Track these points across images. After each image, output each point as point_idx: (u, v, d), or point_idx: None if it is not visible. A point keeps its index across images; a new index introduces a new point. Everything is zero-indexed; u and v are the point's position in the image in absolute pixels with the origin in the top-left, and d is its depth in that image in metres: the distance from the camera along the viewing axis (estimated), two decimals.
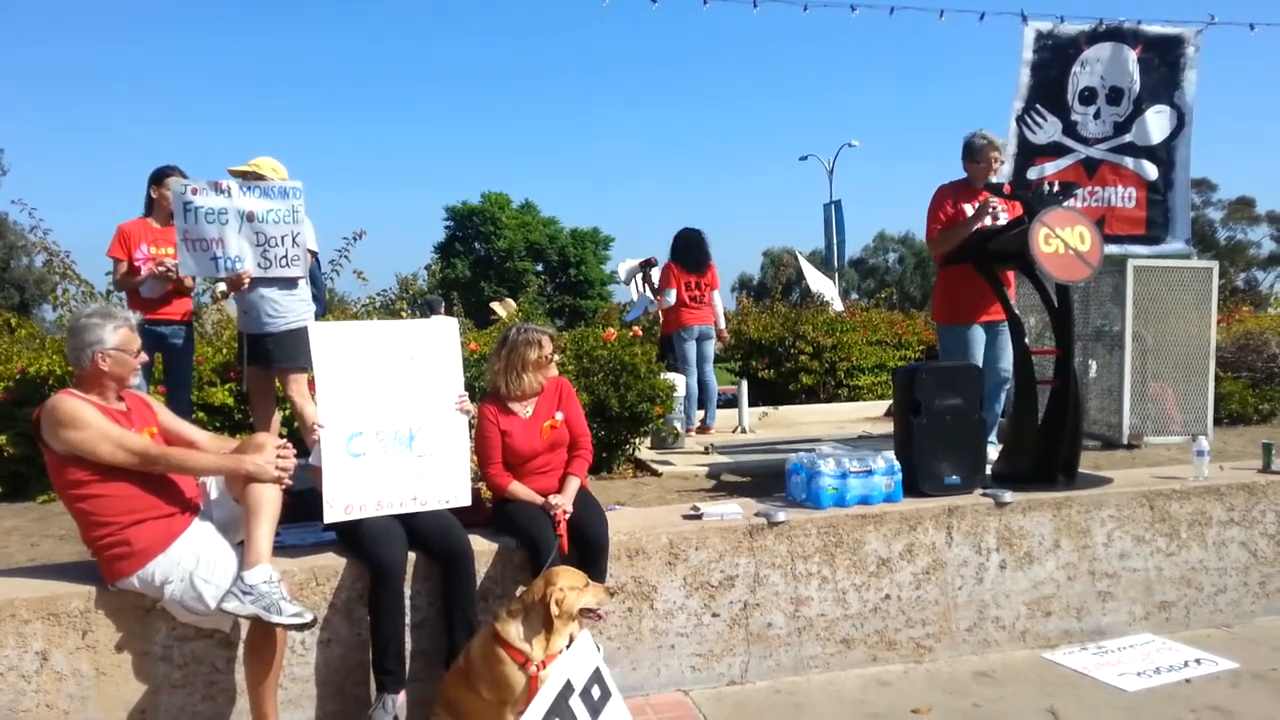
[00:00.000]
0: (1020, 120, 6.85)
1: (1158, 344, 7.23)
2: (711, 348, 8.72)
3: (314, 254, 5.92)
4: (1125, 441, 7.05)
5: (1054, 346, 5.51)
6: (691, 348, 8.50)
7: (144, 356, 3.73)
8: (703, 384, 8.56)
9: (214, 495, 3.82)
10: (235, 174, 5.59)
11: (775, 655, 4.53)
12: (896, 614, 4.71)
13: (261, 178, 5.61)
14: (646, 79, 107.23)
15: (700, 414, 8.56)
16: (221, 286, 6.39)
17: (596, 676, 3.49)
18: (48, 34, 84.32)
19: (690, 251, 8.67)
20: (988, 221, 5.81)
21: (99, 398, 3.56)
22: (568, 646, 3.51)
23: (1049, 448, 5.23)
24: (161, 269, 5.82)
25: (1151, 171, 7.07)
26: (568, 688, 3.34)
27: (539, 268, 49.71)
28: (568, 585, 3.53)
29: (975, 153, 6.05)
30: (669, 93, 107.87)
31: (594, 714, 3.40)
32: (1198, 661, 4.69)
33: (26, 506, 5.85)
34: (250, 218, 5.54)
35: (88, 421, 3.44)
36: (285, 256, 5.65)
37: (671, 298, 8.56)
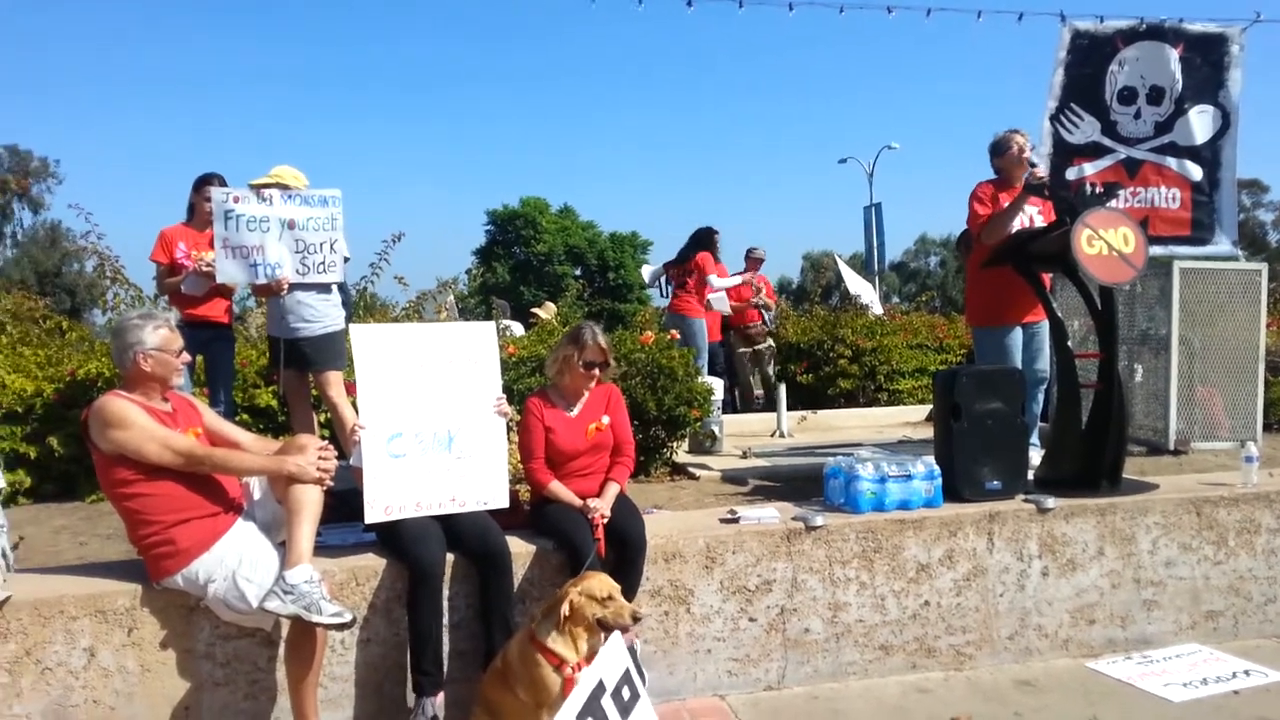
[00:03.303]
0: (1054, 120, 6.75)
1: (1205, 347, 7.10)
2: None
3: (346, 259, 6.00)
4: (1171, 447, 6.93)
5: (1097, 350, 5.43)
6: None
7: (186, 356, 3.79)
8: None
9: (257, 495, 3.88)
10: (257, 186, 5.67)
11: (813, 661, 4.51)
12: (936, 620, 4.66)
13: (285, 187, 5.70)
14: (683, 82, 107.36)
15: None
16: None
17: (626, 677, 3.49)
18: (105, 37, 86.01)
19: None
20: (1025, 220, 5.74)
21: (144, 398, 3.63)
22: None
23: (1093, 453, 5.16)
24: (203, 264, 5.91)
25: (1195, 172, 6.94)
26: (599, 688, 3.35)
27: (578, 271, 49.79)
28: (586, 593, 3.52)
29: (1000, 145, 6.00)
30: (706, 96, 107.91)
31: (624, 714, 3.40)
32: (1246, 673, 4.60)
33: (75, 506, 5.97)
34: (291, 225, 5.65)
35: (134, 422, 3.50)
36: (323, 263, 5.74)
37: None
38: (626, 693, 3.45)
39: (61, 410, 6.19)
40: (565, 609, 3.49)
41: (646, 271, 11.14)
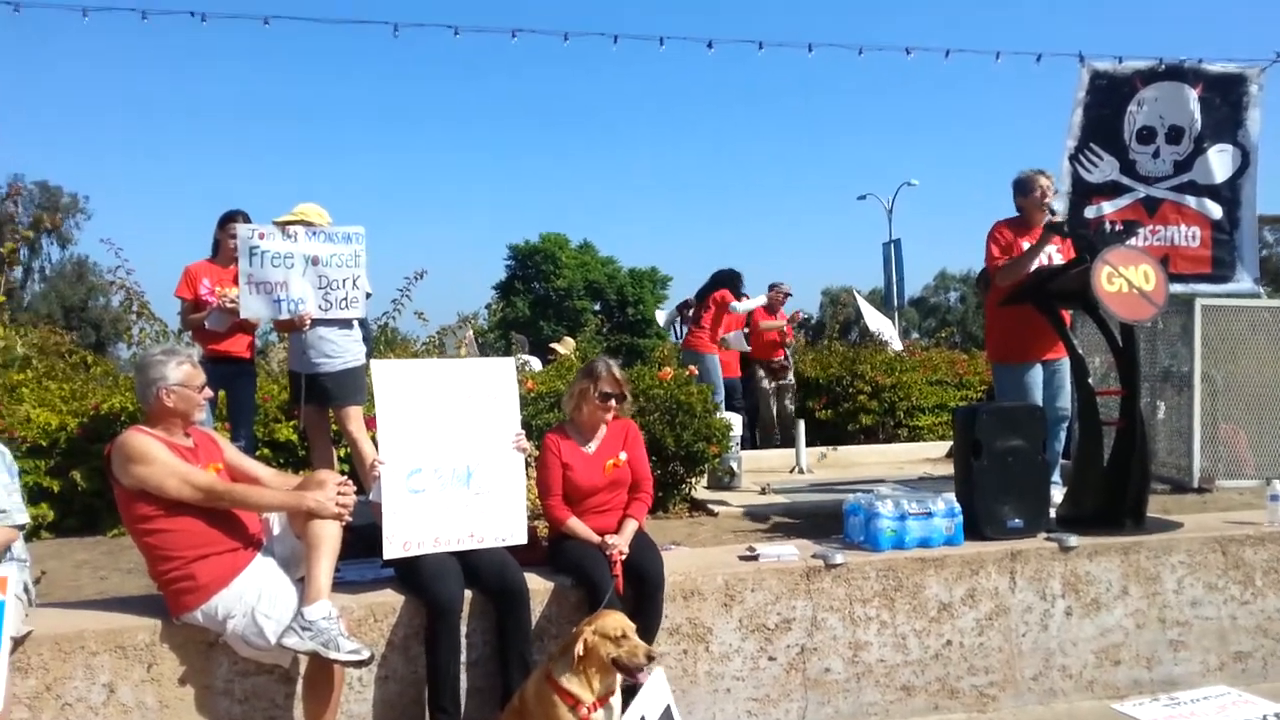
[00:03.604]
0: (1074, 159, 6.78)
1: (1228, 384, 7.04)
2: None
3: (368, 295, 6.06)
4: (1195, 485, 6.85)
5: (1118, 387, 5.40)
6: None
7: (209, 392, 3.83)
8: None
9: (276, 531, 3.89)
10: (282, 224, 5.74)
11: (833, 701, 4.46)
12: (959, 661, 4.61)
13: (310, 224, 5.77)
14: (703, 120, 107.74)
15: None
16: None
17: (668, 715, 3.47)
18: (137, 72, 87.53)
19: None
20: (1045, 258, 5.73)
21: (166, 434, 3.66)
22: (621, 690, 3.51)
23: (1115, 490, 5.11)
24: (226, 300, 5.97)
25: (1215, 210, 6.95)
26: None
27: (596, 307, 49.99)
28: (600, 632, 3.49)
29: (1024, 184, 6.00)
30: (727, 134, 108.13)
31: None
32: (1276, 715, 4.52)
33: (97, 540, 6.00)
34: (315, 261, 5.72)
35: (155, 457, 3.53)
36: (345, 299, 5.81)
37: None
38: None
39: (85, 445, 6.25)
40: (580, 648, 3.47)
41: (661, 316, 11.31)
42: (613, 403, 4.41)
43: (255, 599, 3.55)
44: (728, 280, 9.84)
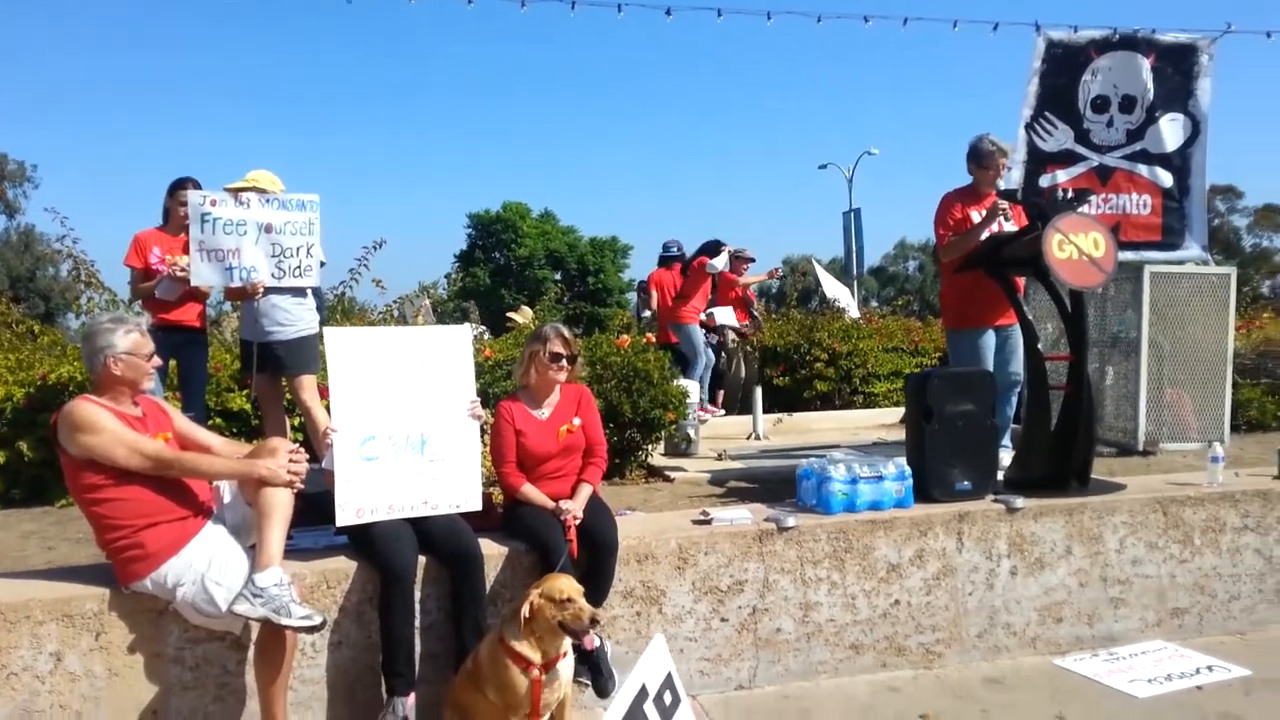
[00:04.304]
0: (1029, 128, 6.83)
1: (1175, 350, 7.18)
2: None
3: (321, 264, 6.00)
4: (1141, 448, 7.01)
5: (1068, 353, 5.49)
6: None
7: (157, 360, 3.78)
8: None
9: (227, 499, 3.87)
10: (232, 190, 5.65)
11: (784, 660, 4.54)
12: (906, 620, 4.70)
13: (263, 191, 5.69)
14: (664, 89, 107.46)
15: None
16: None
17: (669, 682, 3.49)
18: (85, 42, 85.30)
19: None
20: (996, 226, 5.80)
21: (114, 403, 3.61)
22: (570, 652, 3.55)
23: (1062, 453, 5.22)
24: (176, 269, 5.88)
25: (1166, 179, 7.04)
26: (643, 693, 3.33)
27: (558, 276, 49.79)
28: (545, 595, 3.52)
29: (983, 157, 6.04)
30: (687, 103, 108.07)
31: (666, 719, 3.41)
32: (1210, 669, 4.66)
33: (45, 510, 5.93)
34: (269, 229, 5.64)
35: (103, 426, 3.49)
36: (299, 267, 5.74)
37: None
38: (668, 697, 3.45)
39: (31, 415, 6.15)
40: (526, 610, 3.50)
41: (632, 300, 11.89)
42: (563, 363, 4.41)
43: (205, 566, 3.53)
44: (706, 249, 10.05)
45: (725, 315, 10.75)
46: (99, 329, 3.66)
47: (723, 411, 10.03)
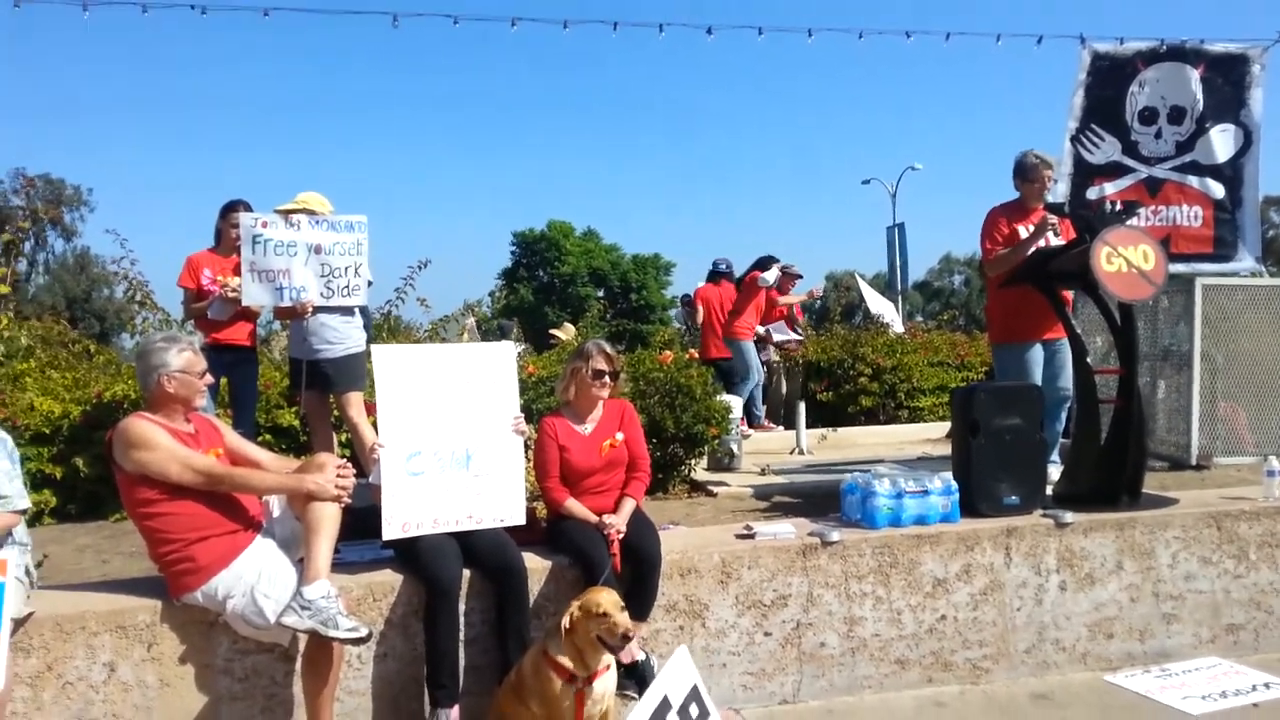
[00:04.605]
0: (1075, 140, 6.78)
1: (1229, 363, 7.06)
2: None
3: (369, 283, 6.10)
4: (1194, 462, 6.88)
5: (1118, 366, 5.41)
6: None
7: (209, 378, 3.87)
8: None
9: (276, 513, 3.93)
10: (283, 212, 5.77)
11: (828, 675, 4.50)
12: (953, 635, 4.64)
13: (313, 213, 5.80)
14: (706, 107, 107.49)
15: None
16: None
17: (695, 694, 3.46)
18: (141, 64, 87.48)
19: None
20: (1043, 241, 5.75)
21: (167, 420, 3.69)
22: (613, 666, 3.56)
23: (1112, 468, 5.13)
24: (228, 290, 6.01)
25: (1218, 190, 6.95)
26: (664, 704, 3.32)
27: (600, 293, 49.93)
28: (583, 608, 3.53)
29: (1028, 171, 5.99)
30: (730, 120, 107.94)
31: None
32: (1267, 686, 4.55)
33: (100, 525, 6.06)
34: (318, 250, 5.76)
35: (157, 443, 3.57)
36: (347, 286, 5.85)
37: None
38: (695, 710, 3.41)
39: (87, 432, 6.30)
40: (565, 622, 3.53)
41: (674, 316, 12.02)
42: (606, 379, 4.43)
43: (255, 579, 3.59)
44: (759, 263, 10.11)
45: (780, 331, 10.98)
46: (153, 348, 3.75)
47: (780, 428, 9.98)
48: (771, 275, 10.04)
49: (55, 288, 45.28)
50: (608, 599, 3.55)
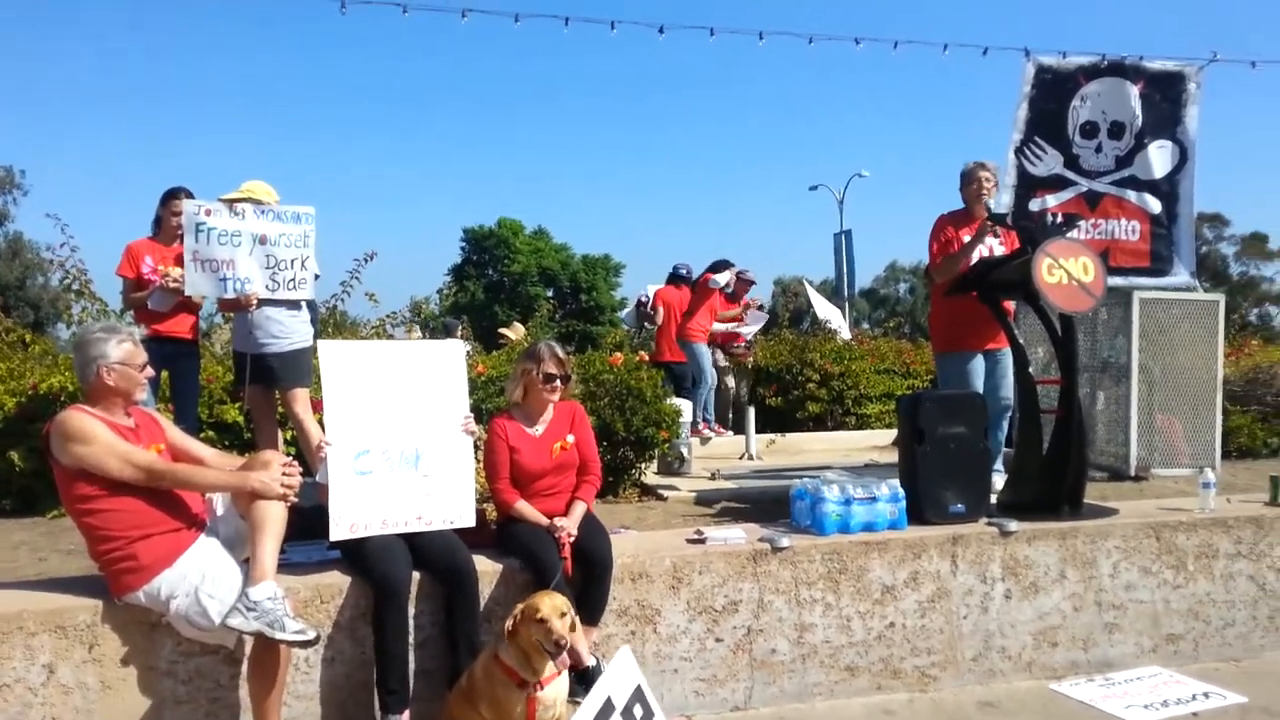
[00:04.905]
0: (1019, 152, 6.89)
1: (1165, 376, 7.21)
2: None
3: (316, 277, 5.99)
4: (1132, 473, 7.02)
5: (1059, 377, 5.51)
6: None
7: (149, 371, 3.77)
8: None
9: (220, 511, 3.85)
10: (228, 201, 5.64)
11: (779, 682, 4.52)
12: (901, 642, 4.69)
13: (258, 202, 5.68)
14: (656, 108, 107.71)
15: None
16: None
17: (639, 695, 3.45)
18: (77, 48, 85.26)
19: None
20: (985, 250, 5.84)
21: (106, 413, 3.59)
22: (565, 671, 3.54)
23: (1053, 478, 5.23)
24: (169, 280, 5.87)
25: (1155, 205, 7.10)
26: (608, 706, 3.31)
27: (550, 293, 49.81)
28: (525, 613, 3.51)
29: (966, 176, 6.12)
30: (679, 122, 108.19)
31: None
32: (1205, 695, 4.66)
33: (35, 521, 5.88)
34: (263, 240, 5.63)
35: (95, 436, 3.47)
36: (293, 279, 5.73)
37: None
38: (639, 711, 3.42)
39: (23, 424, 6.12)
40: (509, 624, 3.51)
41: (624, 316, 11.90)
42: (557, 384, 4.41)
43: (199, 579, 3.51)
44: (713, 266, 10.22)
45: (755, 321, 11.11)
46: (91, 338, 3.65)
47: (730, 432, 10.01)
48: (723, 278, 10.09)
49: None
50: (548, 604, 3.51)
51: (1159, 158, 7.14)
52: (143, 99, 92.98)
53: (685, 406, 7.79)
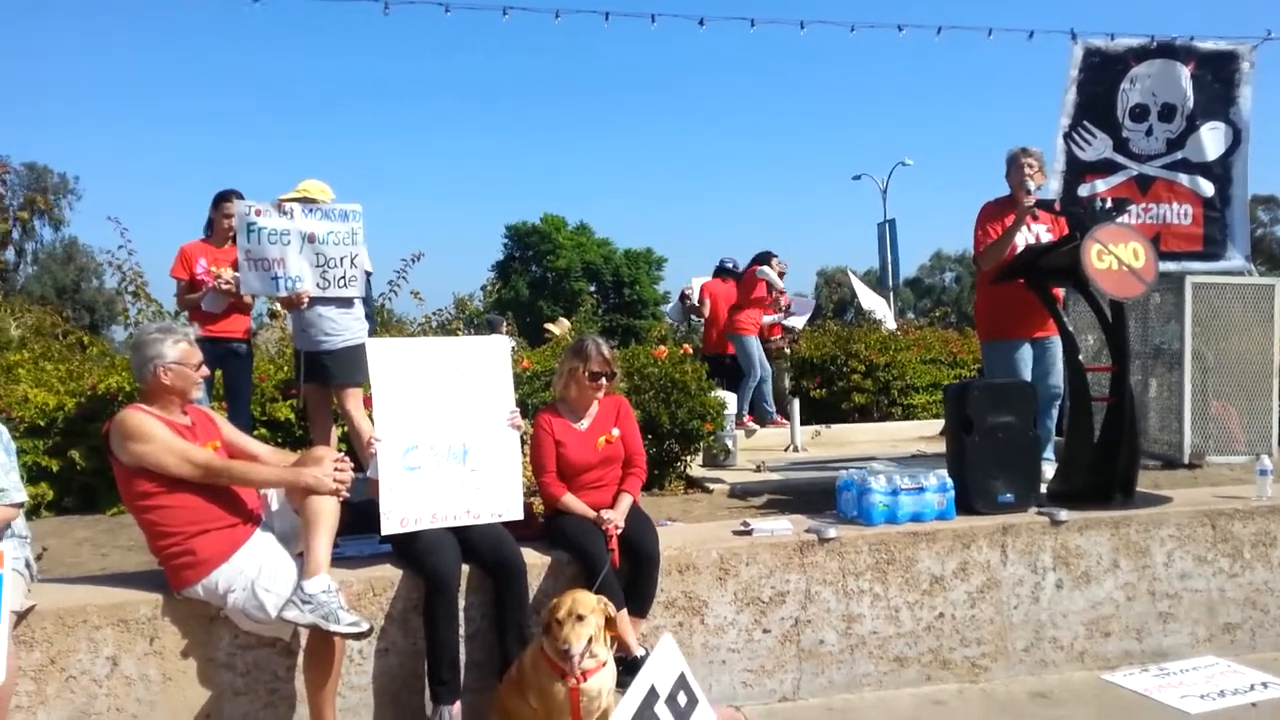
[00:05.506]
0: (1067, 137, 6.81)
1: (1219, 362, 7.08)
2: None
3: (368, 274, 6.07)
4: (1186, 461, 6.92)
5: (1109, 364, 5.44)
6: None
7: (205, 370, 3.86)
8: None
9: (275, 507, 3.93)
10: (283, 201, 5.74)
11: (827, 672, 4.52)
12: (951, 633, 4.67)
13: (311, 201, 5.77)
14: (698, 100, 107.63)
15: None
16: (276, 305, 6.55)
17: (682, 682, 3.47)
18: (126, 52, 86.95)
19: None
20: (1032, 237, 5.77)
21: (164, 412, 3.68)
22: (610, 662, 3.57)
23: (1105, 466, 5.16)
24: (221, 282, 5.99)
25: (1207, 188, 6.98)
26: (652, 694, 3.33)
27: (593, 288, 49.96)
28: (552, 610, 3.53)
29: (1009, 162, 6.02)
30: (721, 114, 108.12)
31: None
32: (1264, 685, 4.58)
33: (97, 519, 6.03)
34: (311, 239, 5.72)
35: (154, 435, 3.56)
36: (343, 277, 5.80)
37: None
38: (683, 698, 3.43)
39: (83, 424, 6.28)
40: (544, 617, 3.57)
41: (668, 312, 11.80)
42: (602, 381, 4.45)
43: (255, 573, 3.59)
44: (758, 258, 10.19)
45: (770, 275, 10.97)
46: (148, 339, 3.74)
47: (786, 422, 9.95)
48: (769, 269, 10.06)
49: (44, 278, 44.95)
50: (566, 605, 3.51)
51: (1211, 139, 7.02)
52: (184, 100, 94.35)
53: (730, 399, 7.80)
